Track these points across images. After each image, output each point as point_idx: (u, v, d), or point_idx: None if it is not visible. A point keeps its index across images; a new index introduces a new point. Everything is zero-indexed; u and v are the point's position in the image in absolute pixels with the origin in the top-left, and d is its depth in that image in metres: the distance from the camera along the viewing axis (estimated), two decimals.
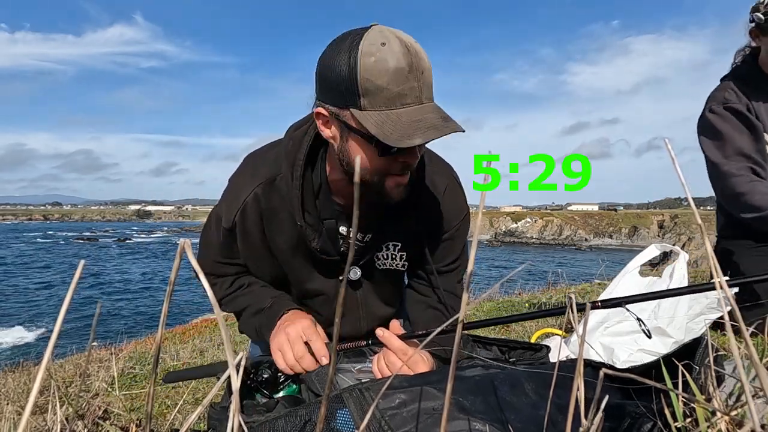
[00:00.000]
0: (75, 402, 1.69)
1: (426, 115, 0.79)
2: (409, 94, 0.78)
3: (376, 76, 0.77)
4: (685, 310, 1.43)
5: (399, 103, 0.79)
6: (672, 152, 0.38)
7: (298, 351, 0.95)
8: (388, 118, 0.78)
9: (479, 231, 0.34)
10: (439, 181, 1.06)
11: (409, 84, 0.78)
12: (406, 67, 0.77)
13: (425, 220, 1.07)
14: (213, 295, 0.33)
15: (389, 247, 1.09)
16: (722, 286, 0.34)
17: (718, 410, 0.52)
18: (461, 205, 1.11)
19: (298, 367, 0.95)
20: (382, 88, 0.77)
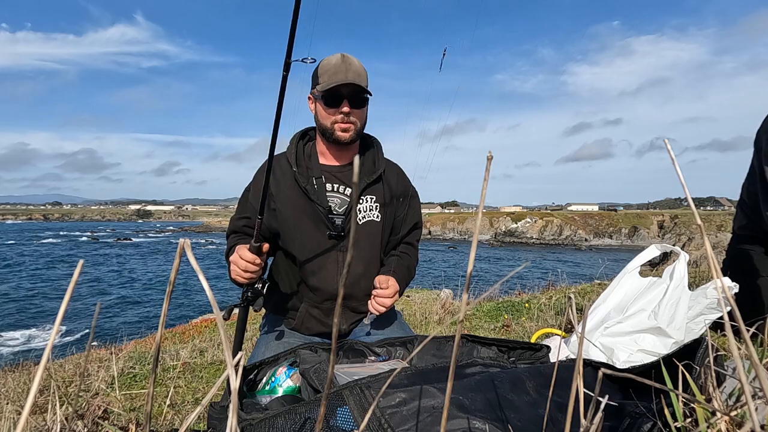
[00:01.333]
0: (75, 402, 1.69)
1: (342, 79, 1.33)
2: (339, 73, 1.34)
3: (323, 66, 1.38)
4: (685, 310, 1.43)
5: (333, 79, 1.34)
6: (672, 153, 0.38)
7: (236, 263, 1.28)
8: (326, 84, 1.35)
9: (479, 231, 0.34)
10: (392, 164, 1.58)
11: (341, 69, 1.34)
12: (340, 63, 1.35)
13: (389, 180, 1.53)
14: (212, 295, 0.33)
15: (366, 199, 1.47)
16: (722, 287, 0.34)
17: (718, 410, 0.52)
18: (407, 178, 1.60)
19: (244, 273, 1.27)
20: (325, 72, 1.36)
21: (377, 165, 1.50)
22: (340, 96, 1.36)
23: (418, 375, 0.86)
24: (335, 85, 1.33)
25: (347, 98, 1.36)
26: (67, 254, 40.16)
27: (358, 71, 1.36)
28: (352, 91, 1.36)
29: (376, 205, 1.48)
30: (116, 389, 2.04)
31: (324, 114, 1.39)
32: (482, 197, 0.32)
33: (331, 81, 1.33)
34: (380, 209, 1.48)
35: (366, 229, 1.47)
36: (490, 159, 0.32)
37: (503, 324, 2.92)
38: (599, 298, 1.69)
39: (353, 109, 1.38)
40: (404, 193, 1.55)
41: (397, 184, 1.53)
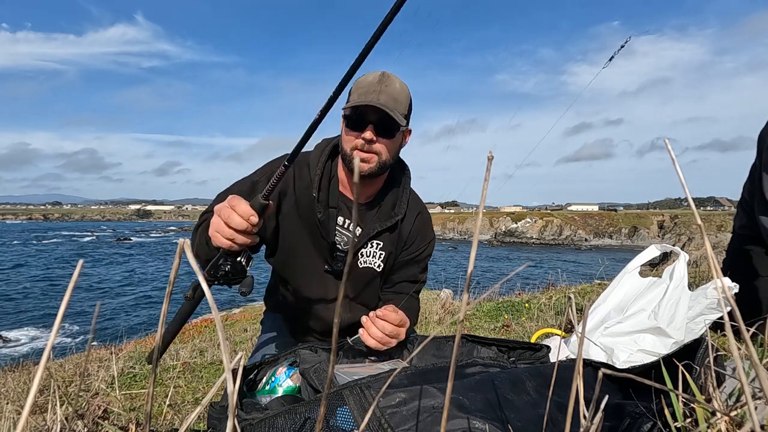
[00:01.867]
0: (75, 401, 1.69)
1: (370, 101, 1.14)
2: (370, 94, 1.16)
3: (358, 82, 1.21)
4: (685, 310, 1.43)
5: (361, 99, 1.16)
6: (672, 153, 0.38)
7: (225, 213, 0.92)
8: (352, 102, 1.17)
9: (479, 231, 0.34)
10: (415, 207, 1.39)
11: (374, 89, 1.17)
12: (376, 82, 1.18)
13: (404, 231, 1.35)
14: (210, 296, 0.33)
15: (373, 244, 1.32)
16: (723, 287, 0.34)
17: (718, 411, 0.52)
18: (430, 231, 1.43)
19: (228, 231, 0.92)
20: (357, 89, 1.19)
21: (397, 209, 1.32)
22: (364, 119, 1.17)
23: (418, 375, 0.86)
24: (360, 105, 1.14)
25: (374, 123, 1.17)
26: (69, 254, 40.19)
27: (395, 96, 1.17)
28: (382, 117, 1.16)
29: (380, 254, 1.33)
30: (116, 389, 2.04)
31: (345, 137, 1.21)
32: (482, 197, 0.32)
33: (359, 100, 1.16)
34: (384, 258, 1.34)
35: (362, 275, 1.34)
36: (491, 159, 0.32)
37: (503, 324, 2.92)
38: (599, 298, 1.69)
39: (380, 137, 1.18)
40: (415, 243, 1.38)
41: (410, 235, 1.36)
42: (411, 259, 1.39)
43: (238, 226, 0.91)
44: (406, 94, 1.22)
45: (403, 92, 1.20)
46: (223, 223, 0.92)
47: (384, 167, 1.23)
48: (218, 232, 0.93)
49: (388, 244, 1.33)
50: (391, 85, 1.18)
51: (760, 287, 1.73)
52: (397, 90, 1.19)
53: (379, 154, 1.20)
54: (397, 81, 1.20)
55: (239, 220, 0.91)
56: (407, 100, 1.22)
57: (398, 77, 1.21)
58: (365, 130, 1.17)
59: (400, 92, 1.19)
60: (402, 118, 1.18)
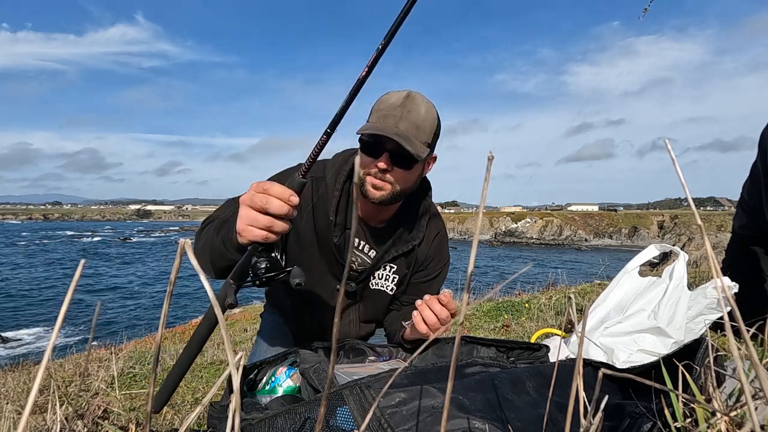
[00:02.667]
0: (75, 401, 1.69)
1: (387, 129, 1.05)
2: (389, 119, 1.07)
3: (380, 102, 1.11)
4: (684, 310, 1.43)
5: (378, 124, 1.07)
6: (672, 153, 0.38)
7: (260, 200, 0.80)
8: (368, 127, 1.08)
9: (479, 231, 0.34)
10: (435, 227, 1.33)
11: (393, 114, 1.07)
12: (397, 106, 1.08)
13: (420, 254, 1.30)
14: (213, 295, 0.33)
15: (386, 267, 1.28)
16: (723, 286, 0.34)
17: (718, 411, 0.52)
18: (446, 251, 1.37)
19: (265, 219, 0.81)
20: (378, 110, 1.10)
21: (414, 233, 1.26)
22: (381, 146, 1.07)
23: (418, 375, 0.86)
24: (376, 134, 1.05)
25: (390, 152, 1.08)
26: (71, 254, 40.18)
27: (417, 122, 1.07)
28: (399, 146, 1.05)
29: (394, 277, 1.29)
30: (116, 389, 2.04)
31: (360, 160, 1.12)
32: (483, 197, 0.32)
33: (375, 126, 1.06)
34: (397, 282, 1.30)
35: (374, 297, 1.31)
36: (491, 159, 0.32)
37: (503, 324, 2.92)
38: (599, 298, 1.69)
39: (395, 167, 1.09)
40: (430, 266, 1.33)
41: (426, 258, 1.32)
42: (423, 282, 1.34)
43: (278, 211, 0.79)
44: (432, 119, 1.11)
45: (429, 118, 1.10)
46: (258, 211, 0.80)
47: (397, 197, 1.15)
48: (252, 224, 0.81)
49: (402, 268, 1.29)
50: (414, 111, 1.07)
51: (761, 287, 1.73)
52: (420, 116, 1.08)
53: (393, 184, 1.11)
54: (423, 105, 1.09)
55: (278, 204, 0.79)
56: (432, 127, 1.11)
57: (425, 98, 1.11)
58: (379, 158, 1.08)
59: (425, 118, 1.09)
60: (424, 147, 1.09)
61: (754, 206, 1.78)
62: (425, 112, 1.09)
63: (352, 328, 1.36)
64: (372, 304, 1.33)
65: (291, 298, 1.37)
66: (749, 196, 1.83)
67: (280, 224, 0.81)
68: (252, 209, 0.80)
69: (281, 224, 0.81)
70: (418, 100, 1.09)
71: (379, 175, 1.10)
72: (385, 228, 1.27)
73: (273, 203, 0.79)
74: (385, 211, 1.23)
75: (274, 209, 0.79)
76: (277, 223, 0.81)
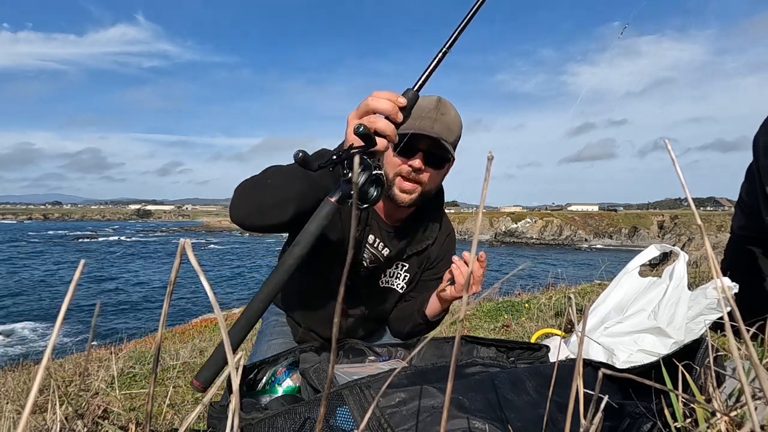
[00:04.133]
0: (75, 401, 1.70)
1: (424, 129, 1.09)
2: (425, 120, 1.10)
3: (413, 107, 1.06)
4: (684, 310, 1.43)
5: (415, 125, 1.09)
6: (672, 153, 0.38)
7: (367, 104, 0.79)
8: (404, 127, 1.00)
9: (479, 231, 0.34)
10: (446, 228, 1.38)
11: (428, 116, 1.11)
12: (432, 108, 1.12)
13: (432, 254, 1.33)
14: (212, 295, 0.33)
15: (398, 265, 1.30)
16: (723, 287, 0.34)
17: (717, 411, 0.52)
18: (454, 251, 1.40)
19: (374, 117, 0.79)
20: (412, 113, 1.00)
21: (428, 233, 1.30)
22: (415, 146, 1.11)
23: (417, 375, 0.86)
24: (413, 132, 1.08)
25: (424, 152, 1.12)
26: (73, 254, 40.18)
27: (449, 125, 1.13)
28: (433, 145, 1.11)
29: (405, 276, 1.32)
30: (116, 389, 2.04)
31: (390, 161, 1.14)
32: (482, 197, 0.32)
33: (412, 126, 1.09)
34: (408, 280, 1.33)
35: (382, 294, 1.32)
36: (491, 159, 0.32)
37: (503, 324, 2.93)
38: (599, 298, 1.69)
39: (428, 167, 1.14)
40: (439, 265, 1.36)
41: (437, 258, 1.35)
42: (431, 279, 1.36)
43: (385, 108, 0.78)
44: (459, 123, 1.17)
45: (457, 121, 1.15)
46: (366, 113, 0.79)
47: (425, 198, 1.19)
48: (375, 123, 0.78)
49: (414, 266, 1.31)
50: (447, 114, 1.13)
51: (760, 287, 1.73)
52: (451, 119, 1.14)
53: (424, 184, 1.15)
54: (453, 109, 1.15)
55: (385, 103, 0.78)
56: (459, 130, 1.17)
57: (452, 104, 1.16)
58: (414, 157, 1.11)
59: (454, 121, 1.14)
60: (452, 149, 1.15)
61: (753, 207, 1.78)
62: (455, 116, 1.15)
63: (358, 326, 1.36)
64: (380, 301, 1.34)
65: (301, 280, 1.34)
66: (748, 197, 1.84)
67: (388, 125, 0.79)
68: (360, 114, 0.80)
69: (389, 126, 0.79)
70: (449, 105, 1.15)
71: (412, 175, 1.12)
72: (401, 227, 1.28)
73: (380, 101, 0.78)
74: (404, 210, 1.25)
75: (381, 106, 0.78)
76: (390, 127, 0.79)
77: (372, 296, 1.32)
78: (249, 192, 1.01)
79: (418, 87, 0.84)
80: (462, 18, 0.85)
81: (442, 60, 0.84)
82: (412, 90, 0.83)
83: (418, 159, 1.11)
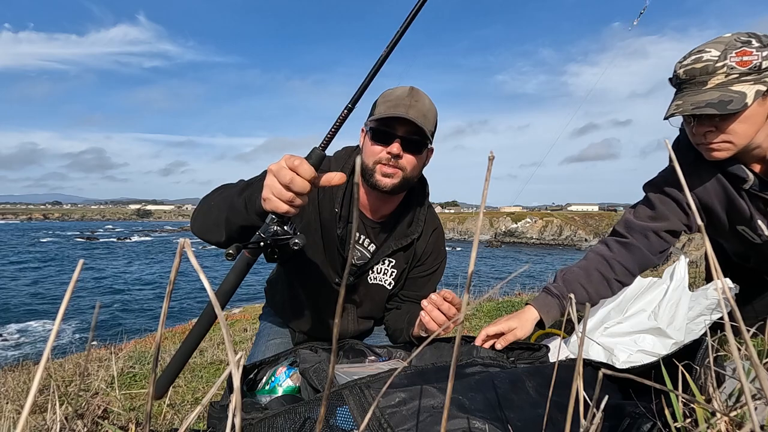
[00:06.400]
0: (74, 401, 1.69)
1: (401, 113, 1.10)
2: (399, 107, 1.12)
3: (384, 95, 1.17)
4: (685, 311, 1.43)
5: (390, 111, 1.12)
6: (672, 153, 0.38)
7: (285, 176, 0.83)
8: (380, 114, 1.13)
9: (479, 231, 0.34)
10: (432, 222, 1.36)
11: (403, 103, 1.12)
12: (405, 96, 1.14)
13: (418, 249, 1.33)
14: (212, 294, 0.33)
15: (386, 261, 1.30)
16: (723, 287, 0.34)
17: (717, 411, 0.52)
18: (443, 247, 1.41)
19: (288, 194, 0.84)
20: (385, 101, 1.15)
21: (413, 228, 1.30)
22: (392, 133, 1.14)
23: (417, 375, 0.86)
24: (390, 117, 1.11)
25: (401, 138, 1.14)
26: (72, 254, 40.18)
27: (424, 112, 1.15)
28: (410, 131, 1.13)
29: (392, 272, 1.32)
30: (116, 389, 2.04)
31: (369, 150, 1.17)
32: (483, 197, 0.32)
33: (387, 112, 1.12)
34: (396, 276, 1.33)
35: (372, 291, 1.32)
36: (492, 159, 0.32)
37: None
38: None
39: (405, 153, 1.15)
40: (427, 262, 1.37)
41: (424, 253, 1.35)
42: (421, 277, 1.37)
43: (300, 189, 0.83)
44: (435, 112, 1.18)
45: (432, 110, 1.17)
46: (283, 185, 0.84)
47: (406, 184, 1.19)
48: (277, 196, 0.84)
49: (401, 262, 1.31)
50: (420, 101, 1.15)
51: (760, 288, 1.73)
52: (426, 106, 1.15)
53: (404, 169, 1.17)
54: (427, 98, 1.17)
55: (302, 183, 0.83)
56: (435, 117, 1.18)
57: (427, 95, 1.18)
58: (392, 143, 1.13)
59: (429, 109, 1.16)
60: (429, 135, 1.16)
61: None
62: (429, 104, 1.16)
63: (350, 325, 1.36)
64: (370, 299, 1.34)
65: (289, 289, 1.37)
66: None
67: (299, 201, 0.86)
68: (278, 181, 0.84)
69: (301, 200, 0.86)
70: (422, 93, 1.17)
71: (391, 161, 1.15)
72: (386, 222, 1.30)
73: (297, 182, 0.83)
74: (389, 204, 1.27)
75: (297, 187, 0.83)
76: (298, 199, 0.85)
77: (362, 294, 1.33)
78: (198, 211, 1.10)
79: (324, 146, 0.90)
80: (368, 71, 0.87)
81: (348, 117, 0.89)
82: (318, 148, 0.89)
83: (396, 144, 1.13)
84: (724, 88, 1.09)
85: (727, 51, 1.09)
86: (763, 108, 1.12)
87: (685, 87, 1.16)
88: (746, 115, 1.10)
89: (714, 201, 1.32)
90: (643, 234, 1.38)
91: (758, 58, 1.07)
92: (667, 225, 1.36)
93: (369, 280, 1.31)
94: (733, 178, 1.25)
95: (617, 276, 1.35)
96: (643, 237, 1.37)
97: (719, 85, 1.10)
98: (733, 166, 1.23)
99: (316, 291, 1.31)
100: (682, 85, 1.17)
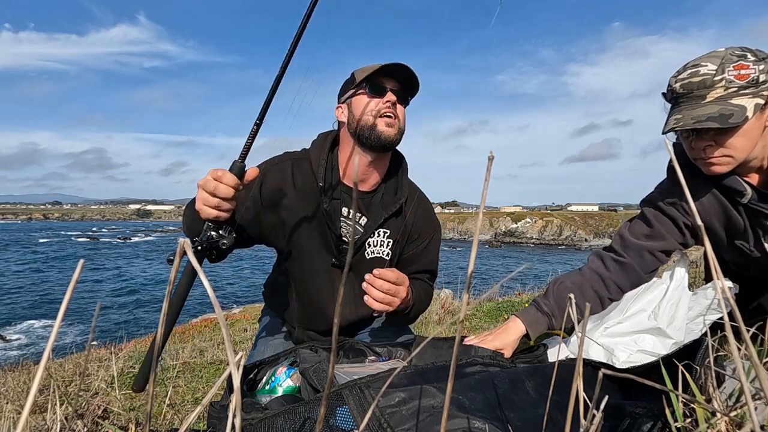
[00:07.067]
0: (74, 401, 1.69)
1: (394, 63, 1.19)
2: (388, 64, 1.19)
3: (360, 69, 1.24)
4: (685, 311, 1.43)
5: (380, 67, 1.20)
6: (672, 153, 0.38)
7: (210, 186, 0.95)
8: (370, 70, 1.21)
9: (479, 231, 0.34)
10: (415, 191, 1.40)
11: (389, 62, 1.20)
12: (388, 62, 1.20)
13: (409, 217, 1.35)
14: (213, 295, 0.33)
15: (379, 233, 1.32)
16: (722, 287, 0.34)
17: (717, 411, 0.52)
18: (434, 217, 1.44)
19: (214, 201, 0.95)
20: (365, 70, 1.22)
21: (399, 194, 1.32)
22: (383, 86, 1.23)
23: (417, 374, 0.86)
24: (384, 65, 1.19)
25: (393, 90, 1.23)
26: (75, 254, 40.20)
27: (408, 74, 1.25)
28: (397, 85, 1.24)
29: (388, 242, 1.33)
30: (116, 389, 2.04)
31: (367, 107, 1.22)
32: (483, 197, 0.32)
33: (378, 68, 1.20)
34: (392, 246, 1.33)
35: (372, 266, 1.27)
36: (491, 159, 0.32)
37: None
38: None
39: (398, 105, 1.25)
40: (422, 233, 1.39)
41: (416, 219, 1.37)
42: (419, 252, 1.38)
43: (224, 195, 0.95)
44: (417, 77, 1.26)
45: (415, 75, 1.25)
46: (206, 192, 0.95)
47: (401, 137, 1.27)
48: (205, 204, 0.96)
49: (394, 231, 1.33)
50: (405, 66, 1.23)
51: (760, 288, 1.73)
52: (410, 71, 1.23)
53: (399, 119, 1.25)
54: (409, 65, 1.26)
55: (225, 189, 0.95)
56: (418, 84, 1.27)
57: None
58: (386, 94, 1.22)
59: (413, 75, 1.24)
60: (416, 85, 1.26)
61: None
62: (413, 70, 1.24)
63: (348, 308, 1.35)
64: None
65: (287, 280, 1.36)
66: None
67: (227, 205, 0.97)
68: (204, 191, 0.96)
69: (228, 204, 0.97)
70: None
71: (390, 110, 1.22)
72: (374, 193, 1.33)
73: (221, 188, 0.95)
74: (378, 169, 1.30)
75: (221, 193, 0.95)
76: (225, 203, 0.96)
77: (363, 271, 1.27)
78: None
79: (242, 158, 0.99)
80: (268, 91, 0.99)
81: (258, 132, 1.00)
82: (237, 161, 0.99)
83: (390, 93, 1.22)
84: (724, 101, 1.09)
85: (724, 65, 1.08)
86: (760, 121, 1.11)
87: (682, 101, 1.15)
88: (745, 129, 1.10)
89: (713, 219, 1.33)
90: (638, 253, 1.39)
91: (755, 72, 1.07)
92: (663, 245, 1.38)
93: (366, 255, 1.32)
94: (729, 192, 1.25)
95: (611, 295, 1.38)
96: (638, 256, 1.39)
97: (718, 99, 1.09)
98: (729, 178, 1.23)
99: (314, 276, 1.30)
100: (679, 99, 1.16)
